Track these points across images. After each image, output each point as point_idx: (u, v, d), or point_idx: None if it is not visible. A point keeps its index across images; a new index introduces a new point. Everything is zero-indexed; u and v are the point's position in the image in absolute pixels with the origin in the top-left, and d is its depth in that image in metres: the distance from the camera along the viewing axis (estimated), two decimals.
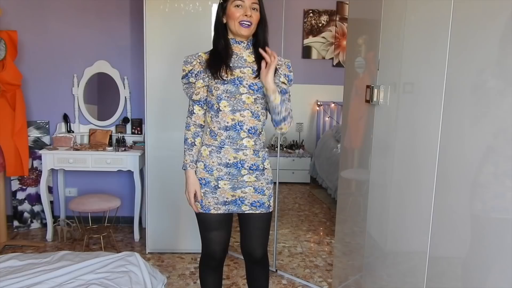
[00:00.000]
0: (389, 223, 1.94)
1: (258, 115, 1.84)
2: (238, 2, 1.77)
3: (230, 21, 1.80)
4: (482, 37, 1.34)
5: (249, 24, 1.78)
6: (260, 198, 1.88)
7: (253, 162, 1.85)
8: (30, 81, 3.62)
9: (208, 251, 1.96)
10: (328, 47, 5.63)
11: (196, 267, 3.03)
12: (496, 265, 1.28)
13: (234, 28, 1.80)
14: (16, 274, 1.89)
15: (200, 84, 1.85)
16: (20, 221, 3.71)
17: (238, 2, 1.77)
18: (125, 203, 3.75)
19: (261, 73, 1.77)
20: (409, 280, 1.74)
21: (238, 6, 1.77)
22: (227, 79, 1.80)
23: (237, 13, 1.77)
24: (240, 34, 1.80)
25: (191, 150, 1.91)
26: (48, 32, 3.63)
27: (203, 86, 1.86)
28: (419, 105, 1.69)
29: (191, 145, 1.91)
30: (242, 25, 1.78)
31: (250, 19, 1.77)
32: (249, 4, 1.77)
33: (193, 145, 1.91)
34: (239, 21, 1.77)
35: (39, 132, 3.69)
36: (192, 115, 1.92)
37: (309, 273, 3.01)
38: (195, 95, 1.88)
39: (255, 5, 1.79)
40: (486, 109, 1.33)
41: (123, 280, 1.91)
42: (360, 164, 2.37)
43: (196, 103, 1.90)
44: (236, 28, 1.79)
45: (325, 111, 5.69)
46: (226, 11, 1.81)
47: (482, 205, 1.34)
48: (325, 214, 4.36)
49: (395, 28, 1.89)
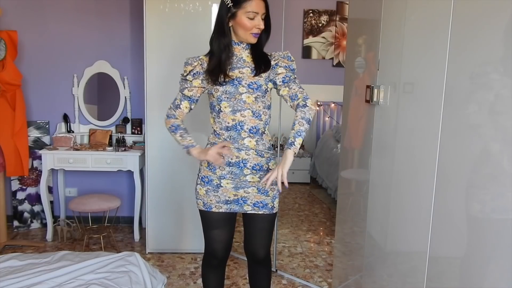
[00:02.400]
0: (389, 223, 1.94)
1: (259, 114, 1.84)
2: (252, 15, 1.74)
3: (239, 29, 1.78)
4: (482, 37, 1.34)
5: (259, 34, 1.80)
6: (263, 198, 1.88)
7: (256, 162, 1.85)
8: (30, 81, 3.62)
9: (210, 249, 1.97)
10: (328, 47, 5.63)
11: (196, 267, 3.03)
12: (495, 265, 1.28)
13: (243, 35, 1.79)
14: (16, 274, 1.89)
15: (197, 84, 1.85)
16: (20, 221, 3.71)
17: (252, 15, 1.74)
18: (125, 203, 3.76)
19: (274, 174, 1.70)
20: (409, 280, 1.74)
21: (251, 18, 1.75)
22: (226, 80, 1.80)
23: (249, 24, 1.75)
24: (248, 41, 1.81)
25: (178, 130, 1.88)
26: (48, 32, 3.63)
27: (200, 87, 1.86)
28: (419, 105, 1.69)
29: (177, 128, 1.89)
30: (254, 36, 1.79)
31: (260, 30, 1.79)
32: (261, 14, 1.77)
33: (178, 127, 1.89)
34: (251, 33, 1.77)
35: (39, 132, 3.69)
36: (176, 109, 1.90)
37: (309, 273, 3.01)
38: (187, 90, 1.86)
39: (265, 14, 1.79)
40: (486, 109, 1.33)
41: (123, 280, 1.91)
42: (360, 164, 2.37)
43: (186, 98, 1.88)
44: (247, 37, 1.79)
45: (325, 111, 5.69)
46: (235, 18, 1.77)
47: (481, 206, 1.34)
48: (325, 214, 4.36)
49: (395, 28, 1.89)
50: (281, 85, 1.85)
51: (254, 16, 1.74)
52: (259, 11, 1.74)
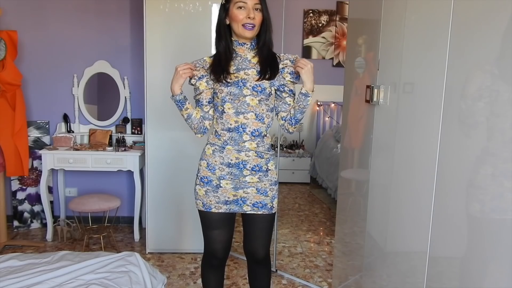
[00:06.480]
0: (389, 223, 1.94)
1: (262, 117, 1.84)
2: (241, 4, 1.75)
3: (233, 23, 1.79)
4: (482, 37, 1.34)
5: (252, 26, 1.77)
6: (262, 199, 1.88)
7: (256, 163, 1.85)
8: (30, 81, 3.62)
9: (210, 249, 1.97)
10: (328, 47, 5.63)
11: (196, 267, 3.03)
12: (495, 265, 1.28)
13: (237, 30, 1.79)
14: (16, 274, 1.89)
15: (203, 87, 1.86)
16: (20, 221, 3.71)
17: (241, 4, 1.75)
18: (125, 203, 3.76)
19: (303, 77, 1.79)
20: (409, 280, 1.74)
21: (240, 7, 1.76)
22: (231, 81, 1.80)
23: (240, 15, 1.76)
24: (243, 36, 1.80)
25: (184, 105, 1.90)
26: (48, 32, 3.63)
27: (207, 89, 1.87)
28: (419, 105, 1.69)
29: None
30: (245, 28, 1.77)
31: (253, 21, 1.76)
32: (252, 5, 1.76)
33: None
34: (242, 24, 1.77)
35: (39, 132, 3.69)
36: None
37: (309, 273, 3.01)
38: (197, 95, 1.91)
39: (258, 6, 1.77)
40: (486, 109, 1.33)
41: (123, 280, 1.91)
42: (360, 164, 2.37)
43: (197, 104, 1.93)
44: (240, 31, 1.78)
45: (325, 111, 5.69)
46: (228, 13, 1.79)
47: (481, 206, 1.34)
48: (325, 214, 4.36)
49: (395, 28, 1.89)
50: (282, 94, 1.89)
51: (243, 6, 1.75)
52: (248, 2, 1.75)
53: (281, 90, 1.87)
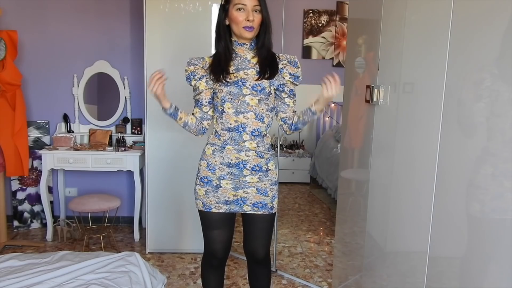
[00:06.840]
0: (389, 223, 1.94)
1: (262, 117, 1.84)
2: (240, 5, 1.75)
3: (233, 25, 1.80)
4: (482, 37, 1.34)
5: (252, 28, 1.78)
6: (262, 199, 1.88)
7: (256, 163, 1.85)
8: (30, 81, 3.62)
9: (210, 249, 1.96)
10: (328, 47, 5.63)
11: (196, 267, 3.03)
12: (495, 265, 1.28)
13: (237, 31, 1.80)
14: (16, 274, 1.90)
15: (202, 87, 1.86)
16: (20, 221, 3.71)
17: (240, 5, 1.75)
18: (125, 203, 3.76)
19: (322, 100, 1.79)
20: (409, 280, 1.74)
21: (240, 9, 1.76)
22: (230, 81, 1.81)
23: (239, 17, 1.76)
24: (244, 37, 1.80)
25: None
26: (48, 32, 3.63)
27: (207, 89, 1.87)
28: (419, 105, 1.69)
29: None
30: (245, 29, 1.78)
31: (252, 23, 1.76)
32: (251, 7, 1.76)
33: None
34: (242, 26, 1.77)
35: (39, 132, 3.69)
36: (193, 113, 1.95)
37: (309, 273, 3.01)
38: (197, 95, 1.90)
39: (257, 7, 1.77)
40: (486, 109, 1.33)
41: (123, 280, 1.91)
42: (360, 164, 2.37)
43: (196, 104, 1.93)
44: (240, 32, 1.79)
45: (325, 111, 5.69)
46: (228, 14, 1.80)
47: (481, 206, 1.34)
48: (325, 214, 4.36)
49: (395, 28, 1.89)
50: (282, 94, 1.90)
51: (243, 7, 1.75)
52: (247, 3, 1.75)
53: (280, 90, 1.87)
